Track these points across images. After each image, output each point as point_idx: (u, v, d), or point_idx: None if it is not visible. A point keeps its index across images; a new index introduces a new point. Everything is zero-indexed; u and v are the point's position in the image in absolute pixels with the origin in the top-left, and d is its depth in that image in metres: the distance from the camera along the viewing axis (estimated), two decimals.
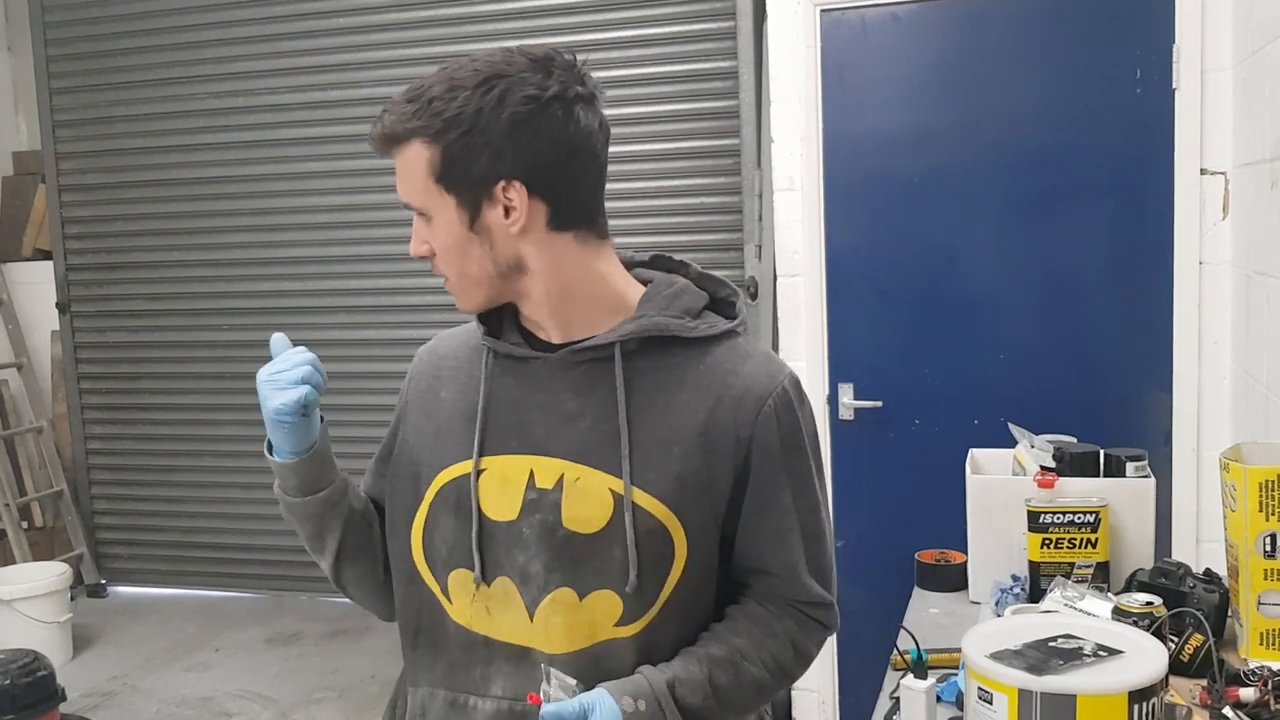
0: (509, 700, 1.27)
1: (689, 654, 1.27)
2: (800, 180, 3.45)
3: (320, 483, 1.33)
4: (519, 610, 1.27)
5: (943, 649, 1.90)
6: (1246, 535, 1.77)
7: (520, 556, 1.27)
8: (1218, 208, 3.03)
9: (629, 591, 1.24)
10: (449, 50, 4.41)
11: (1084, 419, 2.76)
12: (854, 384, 3.49)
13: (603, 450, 1.25)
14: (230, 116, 4.85)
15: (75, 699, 3.91)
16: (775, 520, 1.29)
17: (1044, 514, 2.09)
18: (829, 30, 3.40)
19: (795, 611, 1.32)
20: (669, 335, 1.27)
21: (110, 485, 5.32)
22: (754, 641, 1.29)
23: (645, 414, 1.26)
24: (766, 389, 1.28)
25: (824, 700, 3.58)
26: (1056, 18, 3.22)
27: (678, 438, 1.25)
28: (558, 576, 1.26)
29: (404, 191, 1.27)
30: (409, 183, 1.25)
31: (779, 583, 1.31)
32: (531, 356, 1.30)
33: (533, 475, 1.27)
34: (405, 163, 1.24)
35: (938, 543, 2.43)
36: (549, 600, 1.26)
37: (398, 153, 1.24)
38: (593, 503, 1.25)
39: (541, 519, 1.26)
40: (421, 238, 1.28)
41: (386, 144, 1.25)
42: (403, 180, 1.26)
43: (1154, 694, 1.33)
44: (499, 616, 1.28)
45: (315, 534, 1.37)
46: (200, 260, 4.99)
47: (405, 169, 1.25)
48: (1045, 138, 3.26)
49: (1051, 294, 3.29)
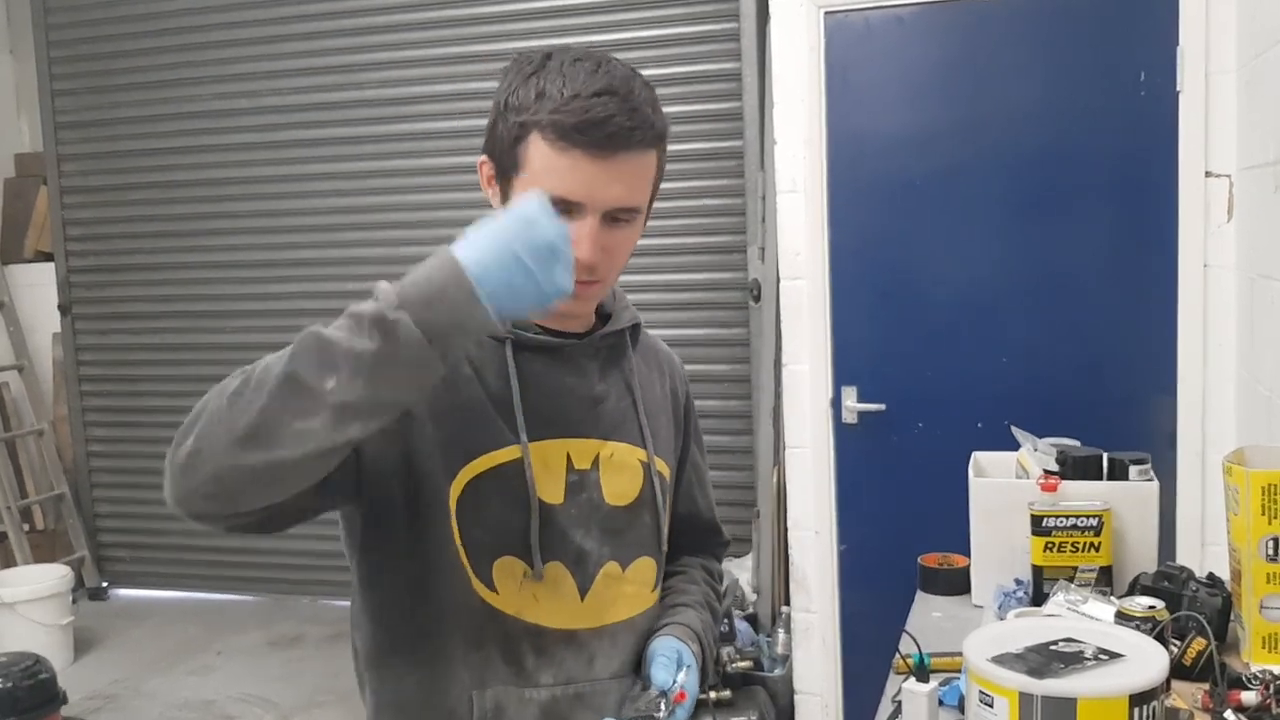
0: (562, 686, 1.29)
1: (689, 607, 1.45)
2: (803, 182, 3.44)
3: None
4: (570, 593, 1.30)
5: (945, 653, 1.89)
6: (1249, 539, 1.76)
7: (574, 538, 1.30)
8: (1222, 210, 3.02)
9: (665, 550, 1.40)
10: (450, 52, 4.41)
11: (1087, 422, 2.75)
12: (857, 387, 3.48)
13: (626, 425, 1.36)
14: (232, 118, 4.86)
15: (77, 702, 3.91)
16: (698, 468, 1.55)
17: (1047, 517, 2.08)
18: (832, 32, 3.40)
19: (712, 553, 1.63)
20: (636, 323, 1.42)
21: (112, 488, 5.33)
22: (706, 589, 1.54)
23: (643, 390, 1.39)
24: (678, 361, 1.53)
25: (827, 704, 3.58)
26: (1060, 20, 3.22)
27: (664, 407, 1.43)
28: (606, 551, 1.32)
29: (629, 195, 1.21)
30: (640, 186, 1.22)
31: (702, 522, 1.57)
32: (560, 344, 1.32)
33: (570, 458, 1.31)
34: (642, 166, 1.21)
35: (940, 546, 2.42)
36: (600, 576, 1.32)
37: (642, 155, 1.20)
38: (627, 475, 1.35)
39: (587, 498, 1.31)
40: (601, 243, 1.20)
41: (649, 145, 1.21)
42: (633, 183, 1.21)
43: (1155, 697, 1.32)
44: (547, 602, 1.28)
45: (393, 400, 1.06)
46: (202, 262, 5.00)
47: (640, 172, 1.21)
48: (1049, 140, 3.26)
49: (1055, 297, 3.28)
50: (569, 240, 1.06)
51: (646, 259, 4.14)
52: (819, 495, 3.52)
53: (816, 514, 3.52)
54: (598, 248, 1.20)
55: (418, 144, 4.52)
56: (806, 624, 3.57)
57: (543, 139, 1.17)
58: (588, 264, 1.19)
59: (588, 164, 1.16)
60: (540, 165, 1.18)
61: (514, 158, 1.20)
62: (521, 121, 1.18)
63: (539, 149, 1.17)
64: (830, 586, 3.55)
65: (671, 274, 4.23)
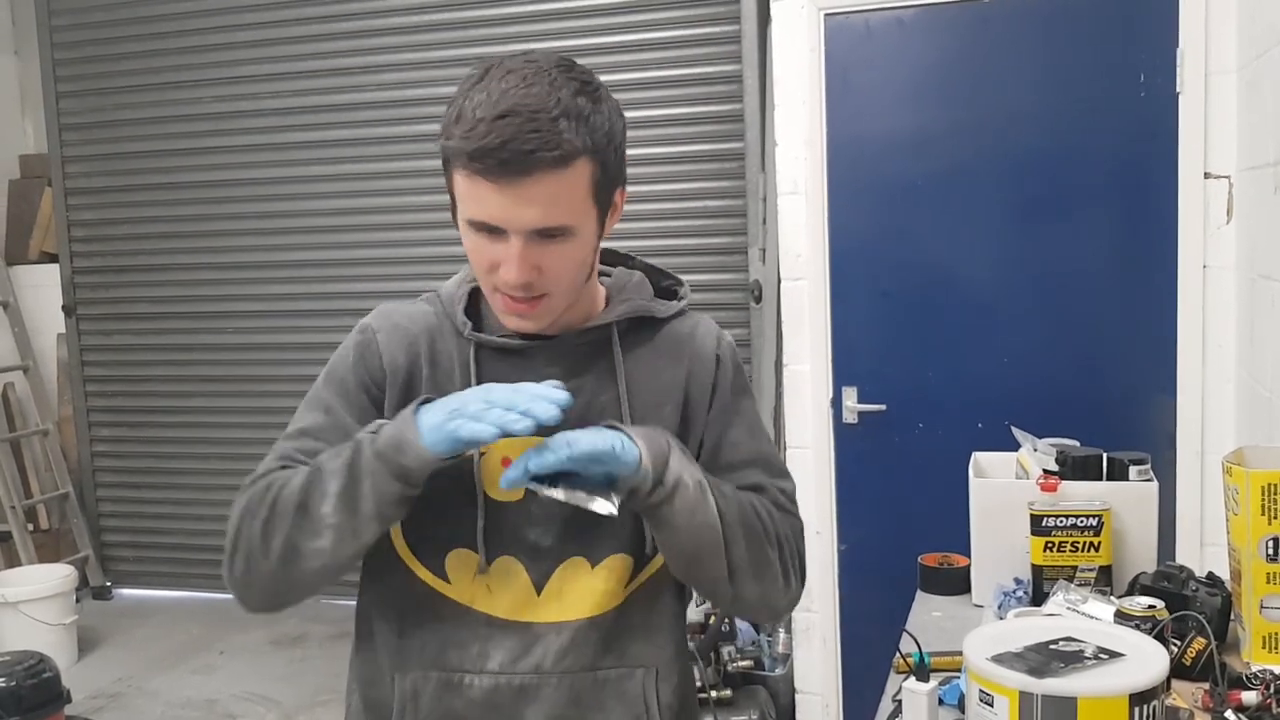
0: (506, 675, 1.30)
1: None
2: (804, 184, 3.45)
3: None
4: (523, 586, 1.31)
5: (945, 652, 1.90)
6: (1249, 539, 1.77)
7: (530, 534, 1.31)
8: (1221, 212, 3.03)
9: (648, 553, 1.34)
10: (453, 55, 4.42)
11: (1087, 422, 2.76)
12: (857, 387, 3.49)
13: (603, 418, 1.28)
14: (236, 120, 4.86)
15: (80, 701, 3.92)
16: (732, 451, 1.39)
17: (1047, 517, 2.09)
18: (833, 34, 3.41)
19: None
20: (647, 316, 1.39)
21: (116, 488, 5.33)
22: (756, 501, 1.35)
23: (636, 382, 1.36)
24: (715, 345, 1.44)
25: (827, 703, 3.59)
26: (1060, 21, 3.23)
27: (668, 397, 1.37)
28: (571, 548, 1.31)
29: (553, 214, 1.18)
30: (568, 203, 1.18)
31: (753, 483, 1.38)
32: (522, 346, 1.32)
33: None
34: (565, 183, 1.17)
35: (940, 546, 2.43)
36: (560, 571, 1.31)
37: (555, 174, 1.16)
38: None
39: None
40: (533, 261, 1.20)
41: (559, 165, 1.15)
42: (557, 202, 1.17)
43: (1155, 697, 1.33)
44: (500, 594, 1.31)
45: (375, 515, 1.21)
46: (206, 263, 5.00)
47: (565, 189, 1.17)
48: (1049, 141, 3.27)
49: (1055, 297, 3.29)
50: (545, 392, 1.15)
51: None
52: (820, 495, 3.53)
53: (817, 514, 3.53)
54: (526, 266, 1.20)
55: (421, 146, 4.52)
56: (807, 623, 3.58)
57: (458, 167, 1.19)
58: (519, 284, 1.21)
59: (493, 191, 1.16)
60: (460, 191, 1.21)
61: (447, 180, 1.24)
62: (442, 145, 1.21)
63: (458, 175, 1.20)
64: (831, 586, 3.56)
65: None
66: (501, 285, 1.23)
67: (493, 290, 1.26)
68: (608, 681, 1.33)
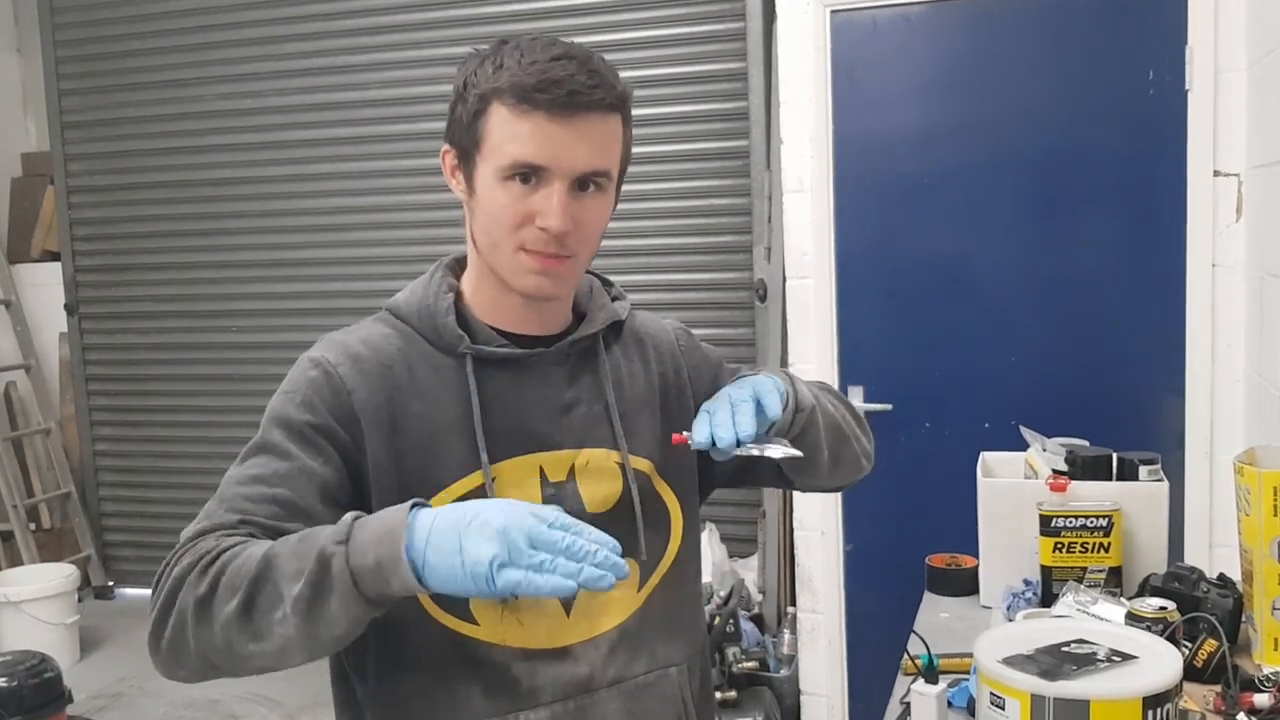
0: (560, 702, 1.25)
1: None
2: (810, 182, 3.43)
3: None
4: (554, 611, 1.25)
5: (953, 654, 1.88)
6: (1261, 540, 1.75)
7: None
8: (1231, 210, 3.01)
9: (644, 559, 1.31)
10: (456, 53, 4.38)
11: (1096, 422, 2.74)
12: (864, 387, 3.47)
13: (599, 429, 1.30)
14: (238, 118, 4.86)
15: (82, 701, 3.92)
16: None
17: (1056, 518, 2.07)
18: (839, 31, 3.39)
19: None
20: (618, 320, 1.37)
21: (118, 487, 5.33)
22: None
23: (620, 389, 1.34)
24: (670, 332, 1.45)
25: (833, 705, 3.57)
26: (1069, 18, 3.21)
27: (647, 401, 1.37)
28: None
29: (600, 157, 1.18)
30: (611, 149, 1.20)
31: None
32: (523, 355, 1.27)
33: (543, 472, 1.26)
34: (607, 129, 1.19)
35: (948, 547, 2.41)
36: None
37: (605, 117, 1.18)
38: (606, 480, 1.30)
39: (567, 510, 1.20)
40: (571, 211, 1.17)
41: (612, 108, 1.18)
42: (604, 145, 1.19)
43: (1169, 699, 1.32)
44: (533, 625, 1.24)
45: (339, 636, 1.06)
46: (208, 262, 5.00)
47: (606, 135, 1.19)
48: (1057, 139, 3.25)
49: (1063, 296, 3.27)
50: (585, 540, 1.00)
51: (652, 259, 4.14)
52: (825, 495, 3.51)
53: (822, 514, 3.51)
54: (567, 216, 1.17)
55: (423, 144, 4.51)
56: (812, 624, 3.56)
57: (503, 105, 1.15)
58: (558, 233, 1.17)
59: (550, 124, 1.15)
60: (502, 133, 1.16)
61: (474, 134, 1.18)
62: (480, 94, 1.17)
63: (499, 116, 1.16)
64: (836, 587, 3.54)
65: (677, 274, 4.22)
66: (533, 241, 1.18)
67: (516, 250, 1.19)
68: (648, 685, 1.31)
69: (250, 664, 1.06)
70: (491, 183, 1.18)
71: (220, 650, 1.05)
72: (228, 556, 1.06)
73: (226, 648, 1.05)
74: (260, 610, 1.02)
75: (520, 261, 1.20)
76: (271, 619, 1.02)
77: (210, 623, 1.04)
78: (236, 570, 1.04)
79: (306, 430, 1.18)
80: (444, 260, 1.34)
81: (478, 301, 1.28)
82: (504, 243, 1.20)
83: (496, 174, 1.17)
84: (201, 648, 1.06)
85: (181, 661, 1.08)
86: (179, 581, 1.08)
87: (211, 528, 1.12)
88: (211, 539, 1.10)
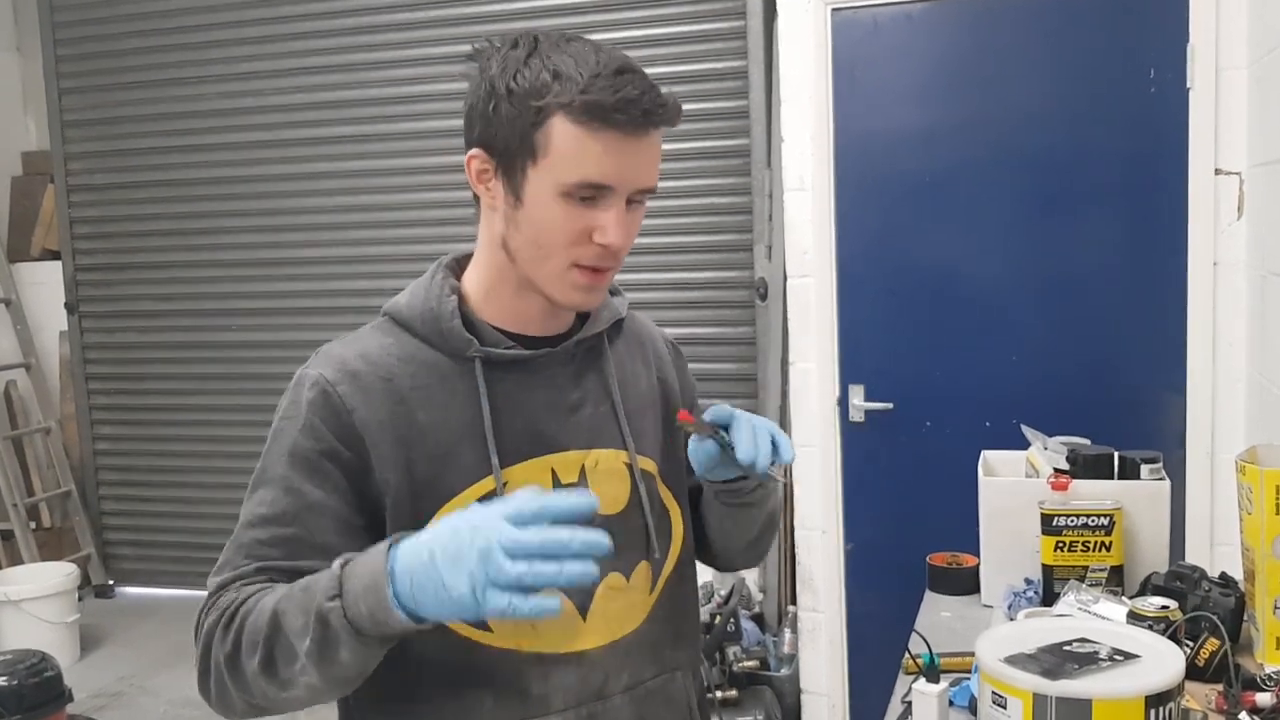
0: (573, 709, 1.24)
1: None
2: (811, 180, 3.43)
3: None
4: (569, 615, 1.23)
5: (954, 653, 1.88)
6: (1263, 538, 1.75)
7: None
8: (1232, 208, 3.01)
9: (656, 557, 1.31)
10: (456, 51, 4.37)
11: (1097, 421, 2.74)
12: (864, 385, 3.47)
13: (607, 430, 1.30)
14: (238, 117, 4.85)
15: (82, 699, 3.91)
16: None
17: (1057, 517, 2.07)
18: (840, 29, 3.38)
19: None
20: (619, 319, 1.37)
21: (118, 486, 5.32)
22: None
23: (625, 389, 1.33)
24: (664, 341, 1.47)
25: (834, 704, 3.57)
26: (1070, 17, 3.20)
27: (649, 400, 1.37)
28: (607, 564, 1.18)
29: (653, 175, 1.18)
30: (657, 165, 1.20)
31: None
32: (531, 356, 1.25)
33: (555, 474, 1.25)
34: (659, 146, 1.18)
35: (949, 545, 2.41)
36: (601, 590, 1.25)
37: (659, 135, 1.18)
38: (615, 480, 1.29)
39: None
40: (626, 227, 1.18)
41: (672, 123, 1.18)
42: (655, 162, 1.19)
43: (1171, 699, 1.31)
44: (547, 629, 1.21)
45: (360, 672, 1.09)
46: (209, 261, 4.99)
47: (659, 150, 1.19)
48: (1058, 137, 3.24)
49: (1064, 295, 3.27)
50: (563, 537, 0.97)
51: (652, 257, 4.13)
52: (826, 494, 3.51)
53: (823, 513, 3.51)
54: (624, 231, 1.16)
55: (423, 142, 4.51)
56: (813, 624, 3.56)
57: (571, 121, 1.12)
58: (617, 249, 1.17)
59: (622, 144, 1.13)
60: (567, 149, 1.12)
61: (530, 145, 1.14)
62: (540, 105, 1.12)
63: (566, 132, 1.12)
64: (837, 586, 3.54)
65: (677, 272, 4.21)
66: (589, 256, 1.17)
67: (569, 266, 1.17)
68: (656, 690, 1.31)
69: (290, 705, 1.12)
70: (548, 197, 1.15)
71: (259, 697, 1.11)
72: (244, 611, 1.10)
73: (263, 696, 1.10)
74: (280, 664, 1.07)
75: (571, 277, 1.19)
76: (293, 670, 1.06)
77: (241, 675, 1.09)
78: (253, 626, 1.08)
79: (312, 457, 1.17)
80: (443, 260, 1.31)
81: (484, 303, 1.26)
82: (556, 257, 1.17)
83: (557, 189, 1.14)
84: (243, 695, 1.11)
85: (233, 707, 1.14)
86: (210, 636, 1.13)
87: (233, 578, 1.16)
88: (232, 591, 1.14)
